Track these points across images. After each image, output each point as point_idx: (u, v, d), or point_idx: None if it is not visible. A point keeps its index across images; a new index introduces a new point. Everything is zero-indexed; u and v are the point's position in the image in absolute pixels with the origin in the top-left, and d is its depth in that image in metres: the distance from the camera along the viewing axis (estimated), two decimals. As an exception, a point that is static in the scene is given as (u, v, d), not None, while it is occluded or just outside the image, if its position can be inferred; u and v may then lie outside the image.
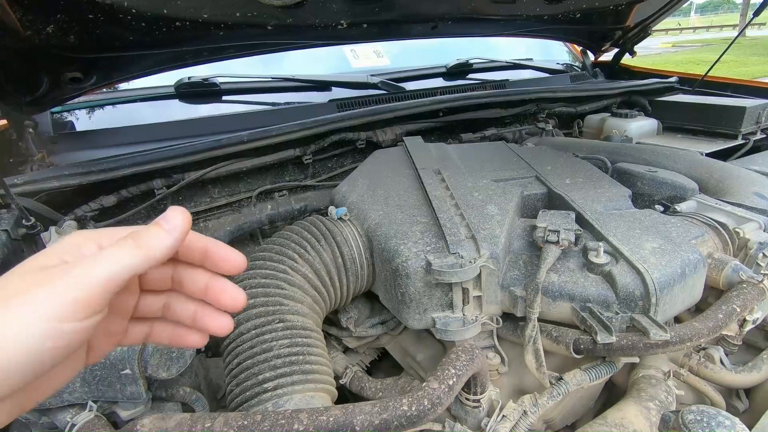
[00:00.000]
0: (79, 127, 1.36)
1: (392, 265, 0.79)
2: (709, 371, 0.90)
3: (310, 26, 1.28)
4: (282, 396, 0.65)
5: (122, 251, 0.32)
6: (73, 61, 1.08)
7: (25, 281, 0.30)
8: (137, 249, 0.33)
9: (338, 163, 1.47)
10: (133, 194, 1.12)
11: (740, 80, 1.91)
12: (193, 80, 1.50)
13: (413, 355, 0.97)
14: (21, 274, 0.30)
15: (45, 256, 0.32)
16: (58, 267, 0.31)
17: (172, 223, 0.35)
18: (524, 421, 0.71)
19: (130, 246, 0.33)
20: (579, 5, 1.61)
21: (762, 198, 1.01)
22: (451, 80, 1.94)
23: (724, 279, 0.83)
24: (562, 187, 1.01)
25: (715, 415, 0.52)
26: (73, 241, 0.34)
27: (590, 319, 0.72)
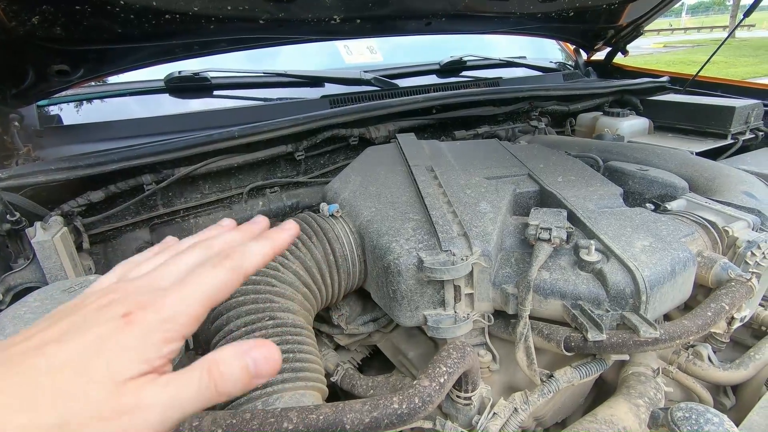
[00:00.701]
0: (67, 121, 1.33)
1: (384, 262, 0.79)
2: (697, 368, 0.91)
3: (302, 21, 1.27)
4: (272, 394, 0.64)
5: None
6: (59, 53, 1.06)
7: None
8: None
9: (330, 160, 1.46)
10: (122, 189, 1.10)
11: (730, 80, 1.93)
12: (184, 74, 1.48)
13: (405, 352, 0.96)
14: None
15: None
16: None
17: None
18: (515, 418, 0.71)
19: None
20: (572, 4, 1.62)
21: (751, 197, 1.02)
22: (444, 77, 1.94)
23: (713, 277, 0.83)
24: (555, 185, 1.01)
25: (704, 412, 0.53)
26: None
27: (581, 316, 0.72)
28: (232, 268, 0.33)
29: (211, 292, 0.32)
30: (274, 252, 0.37)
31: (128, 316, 0.28)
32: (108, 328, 0.28)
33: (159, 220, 1.21)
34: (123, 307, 0.29)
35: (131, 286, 0.32)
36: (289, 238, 0.39)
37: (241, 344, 0.31)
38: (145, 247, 1.20)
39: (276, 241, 0.38)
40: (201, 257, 0.35)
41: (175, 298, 0.30)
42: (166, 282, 0.32)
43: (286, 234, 0.39)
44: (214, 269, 0.33)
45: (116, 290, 0.31)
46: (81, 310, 0.30)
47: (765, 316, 1.03)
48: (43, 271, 0.88)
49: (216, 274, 0.33)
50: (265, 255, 0.36)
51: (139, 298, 0.30)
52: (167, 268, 0.34)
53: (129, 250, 1.18)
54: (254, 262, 0.35)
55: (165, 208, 1.21)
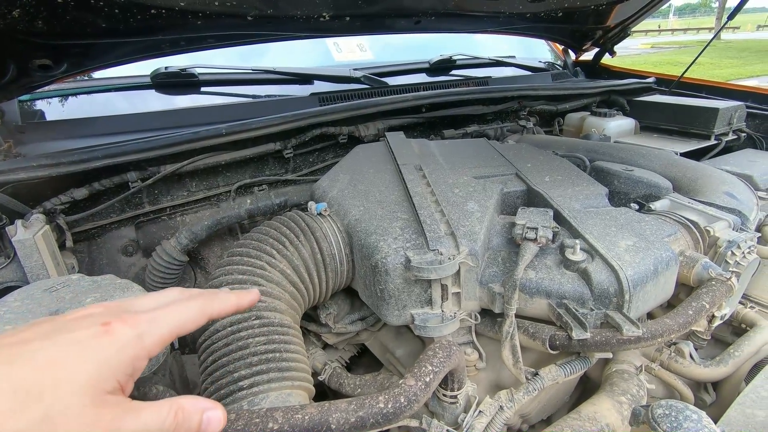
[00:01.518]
0: (49, 117, 1.31)
1: (372, 261, 0.79)
2: (679, 365, 0.93)
3: (291, 18, 1.26)
4: (258, 394, 0.64)
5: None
6: (41, 47, 1.03)
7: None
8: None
9: (319, 158, 1.45)
10: (106, 187, 1.08)
11: (714, 82, 1.96)
12: (170, 70, 1.45)
13: (392, 351, 0.97)
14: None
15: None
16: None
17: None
18: (500, 416, 0.72)
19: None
20: (561, 4, 1.63)
21: (732, 197, 1.04)
22: (434, 76, 1.94)
23: (694, 276, 0.85)
24: (542, 184, 1.02)
25: (683, 409, 0.54)
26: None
27: (566, 315, 0.73)
28: (200, 307, 0.40)
29: (179, 322, 0.38)
30: (238, 304, 0.47)
31: (107, 325, 0.32)
32: (89, 332, 0.31)
33: (145, 218, 1.20)
34: (103, 318, 0.33)
35: (112, 305, 0.37)
36: (251, 302, 0.49)
37: (200, 401, 0.37)
38: (130, 245, 1.19)
39: (242, 297, 0.48)
40: (176, 296, 0.41)
41: (148, 319, 0.35)
42: (143, 308, 0.37)
43: (250, 297, 0.49)
44: (185, 304, 0.39)
45: (98, 307, 0.36)
46: (62, 318, 0.33)
47: (744, 314, 1.05)
48: (24, 270, 0.86)
49: (185, 309, 0.39)
50: (230, 304, 0.45)
51: (118, 313, 0.35)
52: (146, 299, 0.40)
53: (113, 249, 1.16)
54: (220, 307, 0.43)
55: (151, 206, 1.20)
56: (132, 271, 1.19)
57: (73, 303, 0.62)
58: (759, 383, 0.76)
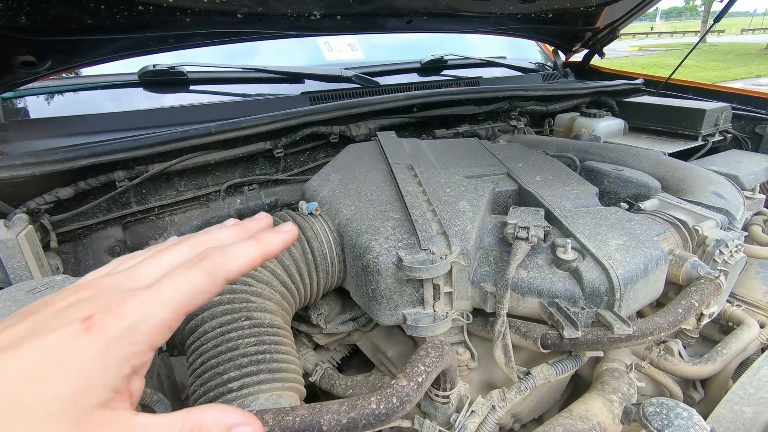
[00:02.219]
0: (33, 115, 1.28)
1: (363, 261, 0.78)
2: (668, 363, 0.93)
3: (281, 16, 1.25)
4: (248, 396, 0.63)
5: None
6: (25, 43, 1.01)
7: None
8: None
9: (310, 158, 1.44)
10: (92, 186, 1.06)
11: (701, 84, 1.99)
12: (159, 68, 1.43)
13: (384, 351, 0.96)
14: None
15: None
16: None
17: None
18: (493, 415, 0.72)
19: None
20: (551, 5, 1.64)
21: (719, 197, 1.05)
22: (425, 76, 1.94)
23: (683, 275, 0.86)
24: (533, 184, 1.02)
25: (674, 407, 0.54)
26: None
27: (557, 314, 0.73)
28: (211, 270, 0.30)
29: (184, 296, 0.29)
30: (263, 256, 0.34)
31: (88, 320, 0.25)
32: (66, 333, 0.25)
33: (132, 218, 1.18)
34: (86, 309, 0.26)
35: (106, 283, 0.29)
36: (283, 243, 0.35)
37: (227, 412, 0.28)
38: (117, 246, 1.16)
39: (266, 245, 0.34)
40: (184, 256, 0.32)
41: (141, 301, 0.27)
42: (141, 281, 0.29)
43: (281, 237, 0.35)
44: (189, 271, 0.30)
45: (90, 286, 0.29)
46: (48, 307, 0.27)
47: (732, 312, 1.07)
48: (6, 271, 0.84)
49: (191, 276, 0.29)
50: (250, 258, 0.33)
51: (106, 299, 0.27)
52: (145, 266, 0.31)
53: (100, 249, 1.14)
54: (237, 265, 0.32)
55: (138, 206, 1.18)
56: (119, 272, 1.17)
57: (57, 304, 0.61)
58: (746, 380, 0.77)
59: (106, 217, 1.13)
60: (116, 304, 0.27)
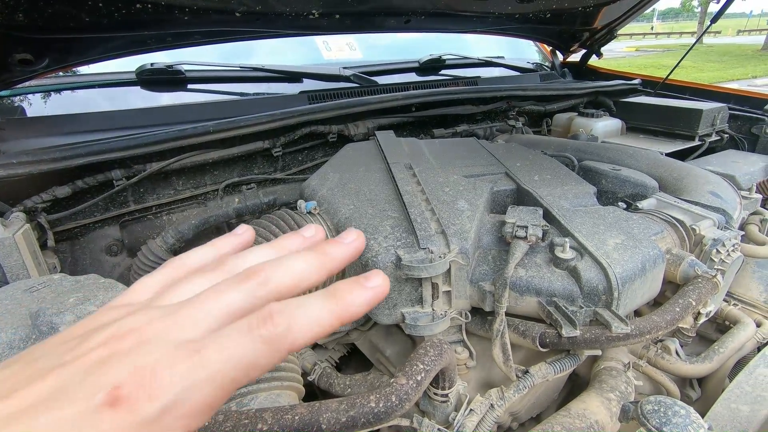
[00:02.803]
0: (30, 113, 1.27)
1: (362, 259, 0.78)
2: (665, 362, 0.94)
3: (280, 15, 1.25)
4: (246, 395, 0.63)
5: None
6: (22, 41, 1.00)
7: None
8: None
9: (309, 157, 1.44)
10: (90, 185, 1.06)
11: (698, 84, 2.00)
12: (156, 67, 1.43)
13: (382, 350, 0.96)
14: None
15: None
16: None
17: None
18: (491, 414, 0.72)
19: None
20: (549, 5, 1.64)
21: (716, 196, 1.06)
22: (423, 75, 1.94)
23: (681, 274, 0.86)
24: (531, 183, 1.03)
25: (672, 405, 0.54)
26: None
27: (556, 313, 0.73)
28: (272, 339, 0.23)
29: (234, 371, 0.22)
30: (340, 322, 0.26)
31: (116, 391, 0.20)
32: (88, 407, 0.20)
33: (129, 217, 1.18)
34: (117, 372, 0.21)
35: (148, 329, 0.23)
36: (367, 305, 0.27)
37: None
38: (115, 245, 1.16)
39: (346, 309, 0.26)
40: (248, 298, 0.25)
41: (183, 372, 0.21)
42: (188, 332, 0.23)
43: (366, 295, 0.27)
44: (245, 337, 0.23)
45: (129, 331, 0.23)
46: (78, 356, 0.22)
47: (728, 311, 1.07)
48: (3, 270, 0.84)
49: (247, 346, 0.23)
50: (324, 326, 0.25)
51: (143, 360, 0.22)
52: (196, 308, 0.24)
53: (97, 248, 1.14)
54: (305, 335, 0.24)
55: (136, 205, 1.17)
56: (116, 271, 1.16)
57: (54, 303, 0.60)
58: (743, 379, 0.77)
59: (103, 216, 1.13)
60: (152, 372, 0.21)
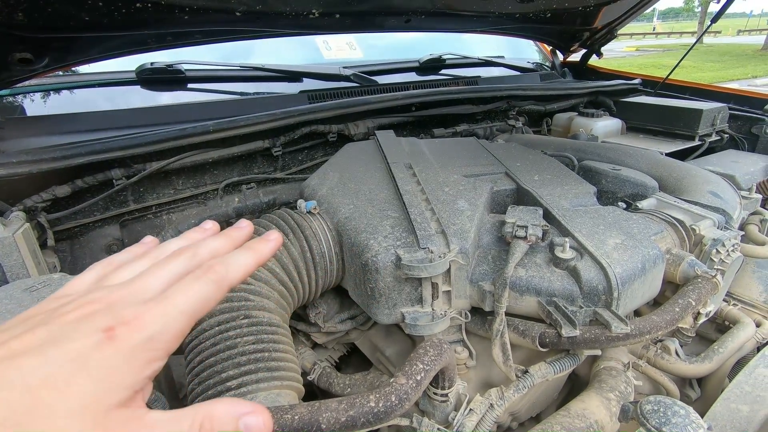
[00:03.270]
0: (30, 112, 1.27)
1: (362, 259, 0.78)
2: (665, 362, 0.94)
3: (280, 14, 1.25)
4: (246, 394, 0.63)
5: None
6: (22, 40, 1.00)
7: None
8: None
9: (309, 156, 1.44)
10: (90, 184, 1.06)
11: (698, 84, 2.00)
12: (156, 66, 1.43)
13: (382, 350, 0.96)
14: None
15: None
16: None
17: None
18: (491, 414, 0.72)
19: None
20: (549, 5, 1.64)
21: (716, 196, 1.06)
22: (423, 75, 1.94)
23: (680, 274, 0.86)
24: (531, 183, 1.03)
25: (671, 405, 0.54)
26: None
27: (555, 313, 0.73)
28: (216, 281, 0.33)
29: (194, 306, 0.31)
30: (257, 264, 0.37)
31: (111, 331, 0.27)
32: (89, 342, 0.26)
33: (129, 217, 1.17)
34: (104, 320, 0.28)
35: (113, 296, 0.31)
36: (273, 250, 0.39)
37: (237, 405, 0.31)
38: (115, 244, 1.16)
39: (260, 253, 0.38)
40: (184, 267, 0.34)
41: (158, 313, 0.29)
42: (149, 293, 0.31)
43: (271, 245, 0.39)
44: (197, 282, 0.32)
45: (96, 299, 0.30)
46: (58, 318, 0.28)
47: (728, 311, 1.07)
48: (3, 269, 0.84)
49: (199, 287, 0.32)
50: (248, 267, 0.36)
51: (122, 312, 0.29)
52: (150, 278, 0.33)
53: (97, 248, 1.14)
54: (238, 274, 0.35)
55: (136, 204, 1.17)
56: (116, 270, 1.16)
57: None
58: (743, 379, 0.77)
59: (103, 216, 1.13)
60: (134, 316, 0.29)
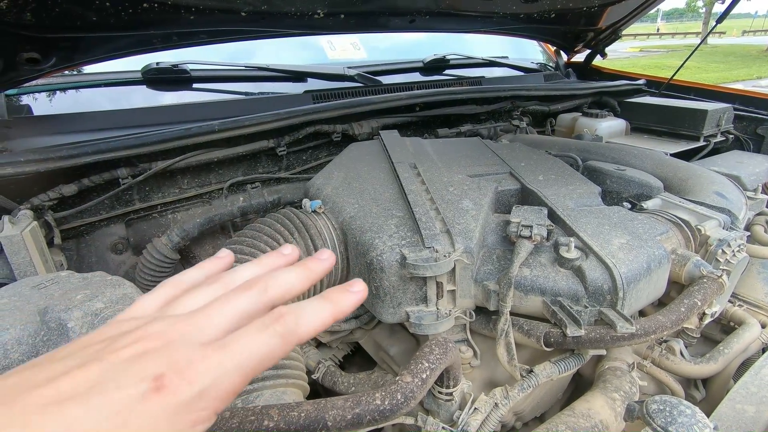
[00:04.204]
0: (37, 111, 1.28)
1: (367, 258, 0.78)
2: (670, 362, 0.94)
3: (285, 14, 1.25)
4: (252, 392, 0.63)
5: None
6: (30, 40, 1.01)
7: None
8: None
9: (313, 156, 1.45)
10: (96, 183, 1.06)
11: (703, 84, 1.99)
12: (162, 66, 1.44)
13: (386, 349, 0.96)
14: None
15: None
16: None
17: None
18: (495, 413, 0.72)
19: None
20: (554, 5, 1.64)
21: (721, 197, 1.05)
22: (427, 75, 1.94)
23: (686, 274, 0.86)
24: (536, 183, 1.03)
25: (677, 404, 0.54)
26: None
27: (560, 312, 0.73)
28: (283, 334, 0.29)
29: (254, 361, 0.28)
30: (334, 319, 0.33)
31: (160, 380, 0.25)
32: (136, 392, 0.24)
33: (135, 215, 1.18)
34: (156, 366, 0.26)
35: (173, 331, 0.28)
36: (355, 305, 0.34)
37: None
38: (120, 243, 1.17)
39: (339, 308, 0.33)
40: (254, 305, 0.31)
41: (214, 364, 0.27)
42: (210, 334, 0.29)
43: (354, 298, 0.34)
44: (262, 333, 0.29)
45: (155, 335, 0.28)
46: (113, 353, 0.26)
47: (733, 312, 1.07)
48: (11, 267, 0.84)
49: (263, 340, 0.29)
50: (323, 322, 0.32)
51: (175, 356, 0.26)
52: (214, 314, 0.30)
53: (103, 246, 1.14)
54: (310, 330, 0.31)
55: (141, 203, 1.18)
56: (122, 269, 1.17)
57: (62, 300, 0.61)
58: (748, 379, 0.77)
59: (109, 215, 1.14)
60: (187, 364, 0.26)
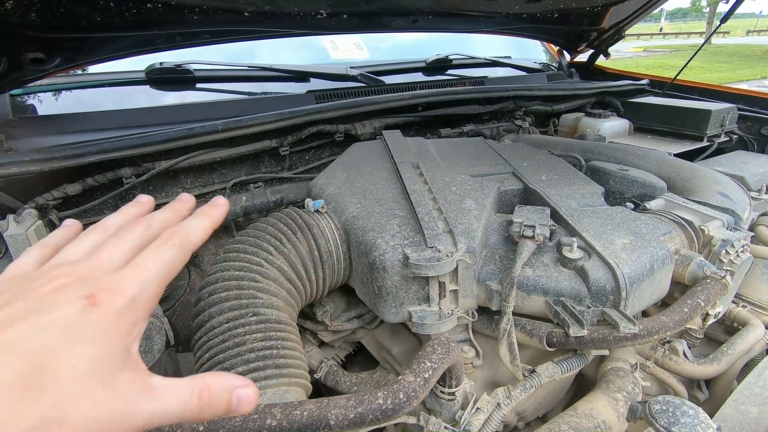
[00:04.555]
0: (42, 111, 1.29)
1: (369, 258, 0.79)
2: (673, 363, 0.93)
3: (288, 14, 1.25)
4: (255, 391, 0.63)
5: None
6: (34, 40, 1.02)
7: None
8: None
9: (316, 156, 1.45)
10: (100, 183, 1.07)
11: (707, 84, 1.98)
12: (166, 66, 1.44)
13: (389, 348, 0.96)
14: None
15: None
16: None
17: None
18: (498, 413, 0.72)
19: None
20: (557, 5, 1.64)
21: (725, 197, 1.05)
22: (430, 75, 1.94)
23: (689, 274, 0.86)
24: (538, 183, 1.02)
25: (680, 405, 0.54)
26: None
27: (563, 312, 0.73)
28: (180, 245, 0.34)
29: (165, 270, 0.32)
30: (212, 227, 0.38)
31: (92, 298, 0.28)
32: (74, 309, 0.27)
33: (138, 215, 1.18)
34: (82, 290, 0.28)
35: (80, 269, 0.30)
36: (223, 214, 0.40)
37: (230, 378, 0.33)
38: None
39: (212, 217, 0.39)
40: (142, 237, 0.35)
41: (135, 279, 0.30)
42: (116, 263, 0.32)
43: (221, 209, 0.40)
44: (163, 248, 0.33)
45: (63, 274, 0.30)
46: (31, 292, 0.28)
47: (737, 312, 1.07)
48: (15, 266, 0.85)
49: (166, 252, 0.33)
50: (205, 230, 0.37)
51: (98, 281, 0.29)
52: (112, 250, 0.33)
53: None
54: (198, 238, 0.36)
55: (145, 203, 1.18)
56: (125, 268, 1.17)
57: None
58: (752, 380, 0.77)
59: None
60: (111, 284, 0.30)
